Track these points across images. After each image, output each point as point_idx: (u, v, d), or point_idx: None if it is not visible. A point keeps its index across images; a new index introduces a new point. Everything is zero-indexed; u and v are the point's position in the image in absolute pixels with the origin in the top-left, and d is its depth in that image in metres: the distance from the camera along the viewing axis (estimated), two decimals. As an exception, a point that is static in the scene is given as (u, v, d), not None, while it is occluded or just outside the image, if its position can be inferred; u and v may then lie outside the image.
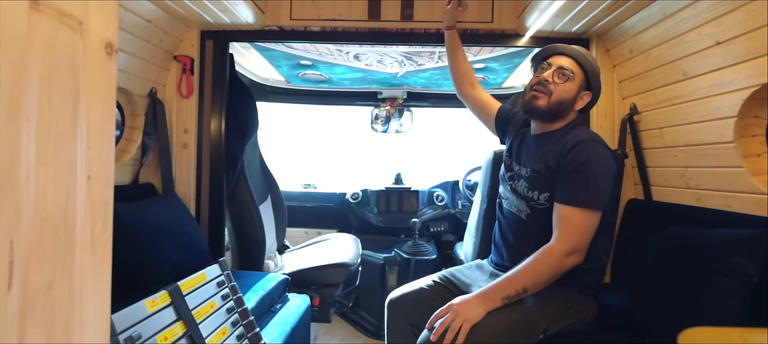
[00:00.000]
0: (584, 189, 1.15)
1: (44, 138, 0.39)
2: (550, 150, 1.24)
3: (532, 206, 1.28)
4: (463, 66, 1.63)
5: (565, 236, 1.14)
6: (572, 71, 1.25)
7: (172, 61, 1.82)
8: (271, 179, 2.46)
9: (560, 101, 1.25)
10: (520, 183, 1.33)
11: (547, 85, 1.25)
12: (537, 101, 1.26)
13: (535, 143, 1.32)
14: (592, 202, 1.15)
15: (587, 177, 1.16)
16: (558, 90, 1.25)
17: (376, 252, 2.74)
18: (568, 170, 1.18)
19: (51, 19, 0.37)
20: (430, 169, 3.68)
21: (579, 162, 1.17)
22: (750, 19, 1.07)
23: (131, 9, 1.44)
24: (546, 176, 1.23)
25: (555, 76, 1.25)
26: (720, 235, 1.14)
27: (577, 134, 1.23)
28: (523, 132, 1.41)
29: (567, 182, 1.18)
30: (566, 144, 1.21)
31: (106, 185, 0.49)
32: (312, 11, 1.86)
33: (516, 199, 1.34)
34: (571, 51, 1.27)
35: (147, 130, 1.71)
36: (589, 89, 1.28)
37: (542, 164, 1.24)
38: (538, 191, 1.26)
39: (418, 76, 2.61)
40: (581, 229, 1.15)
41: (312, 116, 4.38)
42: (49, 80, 0.38)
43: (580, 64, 1.26)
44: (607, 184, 1.19)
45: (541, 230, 1.22)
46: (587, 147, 1.18)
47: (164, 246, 1.48)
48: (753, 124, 1.20)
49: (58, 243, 0.43)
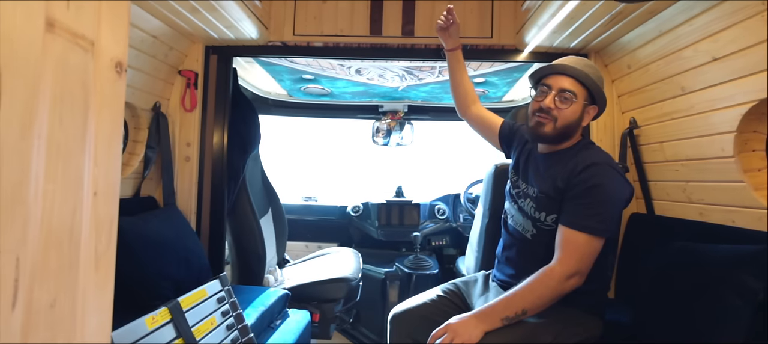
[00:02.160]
0: (591, 215, 1.12)
1: (54, 155, 0.39)
2: (560, 171, 1.21)
3: (539, 227, 1.26)
4: (467, 87, 1.59)
5: (567, 259, 1.12)
6: (574, 93, 1.20)
7: (177, 76, 1.84)
8: (272, 192, 2.46)
9: (567, 125, 1.21)
10: (526, 203, 1.30)
11: (550, 112, 1.21)
12: (543, 127, 1.22)
13: (544, 162, 1.29)
14: (597, 229, 1.11)
15: (595, 203, 1.12)
16: (563, 116, 1.20)
17: (377, 267, 2.73)
18: (577, 193, 1.15)
19: (65, 41, 0.38)
20: (431, 182, 3.68)
21: (588, 186, 1.14)
22: (745, 35, 1.09)
23: (138, 26, 1.47)
24: (554, 197, 1.20)
25: (557, 101, 1.21)
26: (724, 251, 1.14)
27: (589, 155, 1.19)
28: (529, 148, 1.38)
29: (574, 205, 1.15)
30: (577, 165, 1.17)
31: (111, 201, 0.49)
32: (314, 27, 1.88)
33: (522, 218, 1.32)
34: (570, 70, 1.21)
35: (150, 143, 1.72)
36: (594, 103, 1.24)
37: (550, 184, 1.22)
38: (545, 213, 1.23)
39: (419, 90, 2.63)
40: (584, 253, 1.12)
41: (313, 129, 4.40)
42: (60, 99, 0.39)
43: (581, 82, 1.22)
44: (616, 212, 1.16)
45: (546, 251, 1.19)
46: (599, 171, 1.14)
47: (164, 261, 1.48)
48: (752, 139, 1.21)
49: (63, 260, 0.43)
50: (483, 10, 1.87)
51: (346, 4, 1.88)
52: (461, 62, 1.59)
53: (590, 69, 1.24)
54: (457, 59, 1.58)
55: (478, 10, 1.87)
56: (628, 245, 1.70)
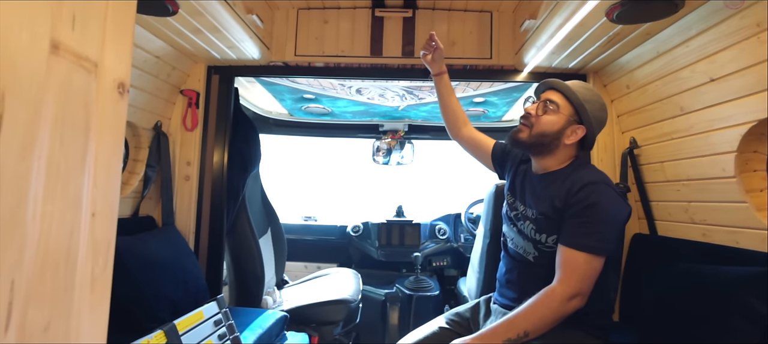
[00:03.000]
0: (590, 234, 1.11)
1: (53, 176, 0.39)
2: (557, 191, 1.21)
3: (540, 249, 1.25)
4: (456, 109, 1.61)
5: (568, 279, 1.11)
6: (557, 105, 1.23)
7: (179, 95, 1.85)
8: (272, 211, 2.45)
9: (542, 133, 1.23)
10: (526, 225, 1.29)
11: (529, 118, 1.25)
12: (519, 133, 1.27)
13: (540, 183, 1.29)
14: (597, 248, 1.11)
15: (594, 221, 1.12)
16: (539, 122, 1.23)
17: (377, 288, 2.69)
18: (575, 212, 1.15)
19: (68, 62, 0.38)
20: (431, 201, 3.67)
21: (586, 205, 1.13)
22: (742, 57, 1.10)
23: (141, 46, 1.48)
24: (552, 217, 1.20)
25: (539, 109, 1.25)
26: (728, 273, 1.13)
27: (585, 174, 1.19)
28: (524, 170, 1.38)
29: (573, 225, 1.15)
30: (574, 185, 1.17)
31: (109, 223, 0.49)
32: (316, 47, 1.91)
33: (522, 241, 1.31)
34: (558, 85, 1.25)
35: (150, 162, 1.72)
36: (582, 123, 1.24)
37: (548, 205, 1.21)
38: (545, 234, 1.22)
39: (419, 109, 2.65)
40: (584, 273, 1.11)
41: (314, 148, 4.41)
42: (61, 120, 0.39)
43: (566, 97, 1.23)
44: (614, 230, 1.15)
45: (548, 273, 1.18)
46: (597, 190, 1.14)
47: (161, 282, 1.46)
48: (753, 159, 1.21)
49: (59, 282, 0.43)
50: (482, 31, 1.90)
51: (347, 24, 1.91)
52: (448, 86, 1.61)
53: (584, 90, 1.24)
54: (444, 83, 1.60)
55: (477, 30, 1.90)
56: (632, 267, 1.68)
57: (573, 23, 1.32)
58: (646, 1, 1.13)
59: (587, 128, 1.23)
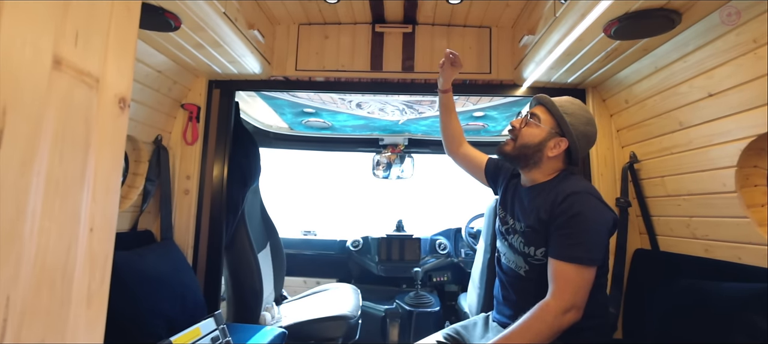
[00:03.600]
0: (577, 244, 1.11)
1: (52, 192, 0.39)
2: (542, 202, 1.21)
3: (530, 262, 1.24)
4: (456, 127, 1.62)
5: (561, 292, 1.10)
6: (539, 118, 1.26)
7: (179, 109, 1.86)
8: (271, 226, 2.44)
9: (524, 144, 1.26)
10: (516, 238, 1.30)
11: (513, 130, 1.30)
12: (505, 146, 1.30)
13: (527, 195, 1.30)
14: (584, 258, 1.10)
15: (579, 232, 1.12)
16: (522, 134, 1.27)
17: (376, 304, 2.66)
18: (560, 223, 1.15)
19: (70, 78, 0.38)
20: (431, 216, 3.66)
21: (570, 215, 1.13)
22: (739, 72, 1.11)
23: (143, 60, 1.50)
24: (539, 229, 1.20)
25: (522, 122, 1.29)
26: (731, 289, 1.11)
27: (569, 185, 1.19)
28: (514, 184, 1.39)
29: (559, 237, 1.14)
30: (558, 195, 1.17)
31: (107, 238, 0.48)
32: (316, 62, 1.93)
33: (513, 255, 1.31)
34: (543, 99, 1.29)
35: (150, 176, 1.72)
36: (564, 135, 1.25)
37: (535, 217, 1.22)
38: (533, 247, 1.22)
39: (419, 123, 2.66)
40: (577, 285, 1.10)
41: (314, 162, 4.41)
42: (62, 135, 0.39)
43: (548, 110, 1.27)
44: (601, 239, 1.15)
45: (540, 287, 1.17)
46: (579, 199, 1.14)
47: (159, 297, 1.44)
48: (753, 174, 1.21)
49: (55, 298, 0.42)
50: (481, 46, 1.92)
51: (347, 40, 1.93)
52: (452, 104, 1.62)
53: (567, 104, 1.26)
54: (449, 100, 1.61)
55: (476, 46, 1.92)
56: (634, 282, 1.66)
57: (571, 39, 1.33)
58: (643, 18, 1.14)
59: (569, 140, 1.23)
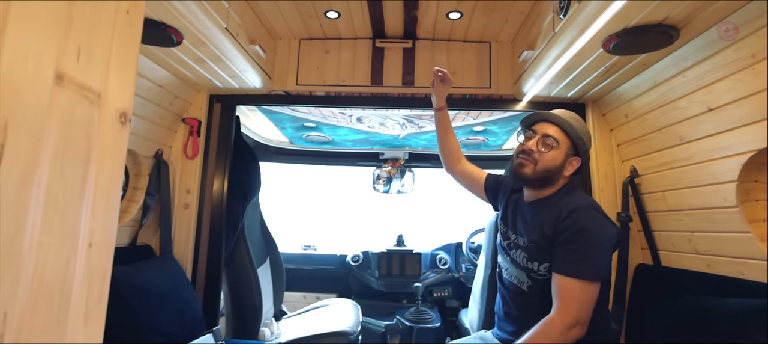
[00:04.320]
0: (582, 260, 1.11)
1: (52, 206, 0.38)
2: (545, 218, 1.21)
3: (533, 277, 1.23)
4: (453, 144, 1.62)
5: (566, 308, 1.09)
6: (557, 140, 1.23)
7: (180, 123, 1.86)
8: (271, 240, 2.42)
9: (547, 168, 1.24)
10: (518, 254, 1.29)
11: (531, 154, 1.24)
12: (523, 168, 1.25)
13: (530, 211, 1.29)
14: (589, 274, 1.10)
15: (584, 247, 1.12)
16: (544, 159, 1.23)
17: (377, 319, 2.63)
18: (564, 239, 1.14)
19: (72, 93, 0.38)
20: (432, 230, 3.64)
21: (575, 231, 1.13)
22: (738, 87, 1.12)
23: (145, 75, 1.51)
24: (543, 245, 1.19)
25: (540, 145, 1.24)
26: (734, 305, 1.10)
27: (572, 200, 1.19)
28: (515, 199, 1.38)
29: (564, 252, 1.14)
30: (562, 211, 1.17)
31: (106, 253, 0.48)
32: (317, 77, 1.94)
33: (516, 270, 1.30)
34: (555, 119, 1.26)
35: (150, 190, 1.71)
36: (578, 154, 1.26)
37: (538, 232, 1.21)
38: (537, 262, 1.21)
39: (419, 138, 2.67)
40: (581, 300, 1.09)
41: (314, 176, 4.41)
42: (63, 149, 0.39)
43: (565, 131, 1.25)
44: (606, 255, 1.15)
45: (545, 302, 1.16)
46: (584, 215, 1.15)
47: (157, 313, 1.42)
48: (755, 188, 1.20)
49: (52, 315, 0.41)
50: (481, 61, 1.94)
51: (348, 55, 1.95)
52: (449, 121, 1.62)
53: (576, 122, 1.27)
54: (445, 117, 1.61)
55: (476, 60, 1.94)
56: (636, 298, 1.65)
57: (570, 54, 1.34)
58: (642, 33, 1.15)
59: (583, 159, 1.26)
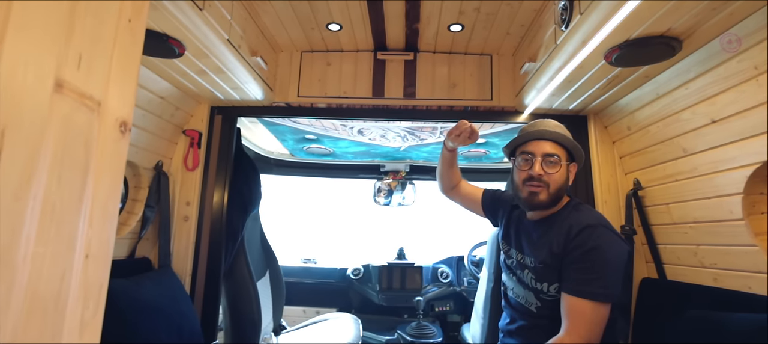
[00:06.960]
0: (593, 280, 1.07)
1: (48, 216, 0.37)
2: (554, 236, 1.17)
3: (542, 298, 1.20)
4: (454, 176, 1.59)
5: (576, 329, 1.06)
6: (558, 155, 1.19)
7: (181, 135, 1.86)
8: (271, 253, 2.40)
9: (558, 188, 1.19)
10: (526, 274, 1.25)
11: (541, 178, 1.18)
12: (537, 196, 1.19)
13: (536, 229, 1.25)
14: (600, 294, 1.07)
15: (596, 267, 1.08)
16: (553, 180, 1.18)
17: (377, 334, 2.60)
18: (575, 258, 1.11)
19: (71, 101, 0.37)
20: (433, 243, 3.61)
21: (586, 250, 1.10)
22: (742, 99, 1.11)
23: (146, 86, 1.51)
24: (552, 264, 1.16)
25: (545, 167, 1.19)
26: (741, 320, 1.08)
27: (582, 217, 1.16)
28: (517, 216, 1.35)
29: (575, 271, 1.10)
30: (571, 228, 1.13)
31: (103, 265, 0.47)
32: (318, 89, 1.94)
33: (523, 290, 1.26)
34: (548, 135, 1.21)
35: (149, 202, 1.70)
36: (574, 160, 1.24)
37: (546, 251, 1.18)
38: (547, 283, 1.18)
39: (421, 150, 2.66)
40: (592, 322, 1.06)
41: (314, 188, 4.40)
42: (61, 158, 0.38)
43: (559, 143, 1.21)
44: (618, 275, 1.11)
45: (552, 323, 1.13)
46: (595, 233, 1.11)
47: (155, 327, 1.40)
48: (760, 201, 1.19)
49: (46, 327, 0.40)
50: (482, 73, 1.94)
51: (349, 67, 1.96)
52: (456, 159, 1.58)
53: (562, 129, 1.25)
54: (454, 158, 1.57)
55: (477, 73, 1.94)
56: (641, 313, 1.62)
57: (572, 66, 1.34)
58: (644, 45, 1.15)
59: (578, 163, 1.25)
